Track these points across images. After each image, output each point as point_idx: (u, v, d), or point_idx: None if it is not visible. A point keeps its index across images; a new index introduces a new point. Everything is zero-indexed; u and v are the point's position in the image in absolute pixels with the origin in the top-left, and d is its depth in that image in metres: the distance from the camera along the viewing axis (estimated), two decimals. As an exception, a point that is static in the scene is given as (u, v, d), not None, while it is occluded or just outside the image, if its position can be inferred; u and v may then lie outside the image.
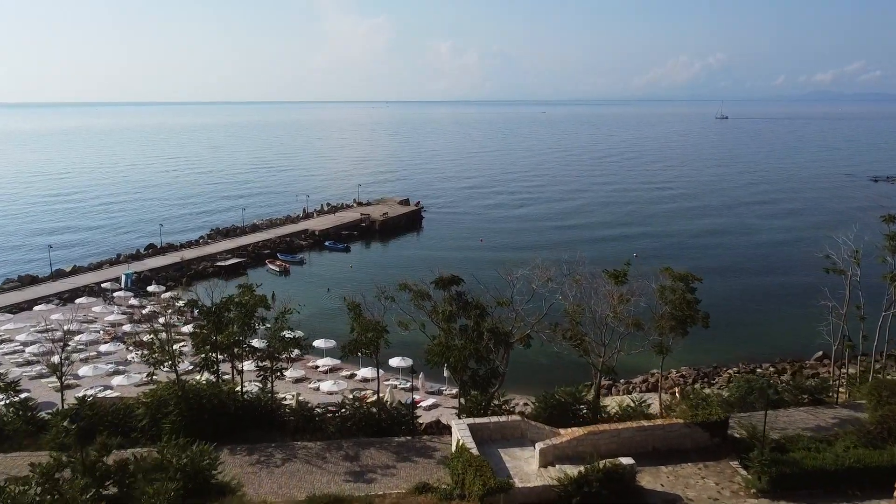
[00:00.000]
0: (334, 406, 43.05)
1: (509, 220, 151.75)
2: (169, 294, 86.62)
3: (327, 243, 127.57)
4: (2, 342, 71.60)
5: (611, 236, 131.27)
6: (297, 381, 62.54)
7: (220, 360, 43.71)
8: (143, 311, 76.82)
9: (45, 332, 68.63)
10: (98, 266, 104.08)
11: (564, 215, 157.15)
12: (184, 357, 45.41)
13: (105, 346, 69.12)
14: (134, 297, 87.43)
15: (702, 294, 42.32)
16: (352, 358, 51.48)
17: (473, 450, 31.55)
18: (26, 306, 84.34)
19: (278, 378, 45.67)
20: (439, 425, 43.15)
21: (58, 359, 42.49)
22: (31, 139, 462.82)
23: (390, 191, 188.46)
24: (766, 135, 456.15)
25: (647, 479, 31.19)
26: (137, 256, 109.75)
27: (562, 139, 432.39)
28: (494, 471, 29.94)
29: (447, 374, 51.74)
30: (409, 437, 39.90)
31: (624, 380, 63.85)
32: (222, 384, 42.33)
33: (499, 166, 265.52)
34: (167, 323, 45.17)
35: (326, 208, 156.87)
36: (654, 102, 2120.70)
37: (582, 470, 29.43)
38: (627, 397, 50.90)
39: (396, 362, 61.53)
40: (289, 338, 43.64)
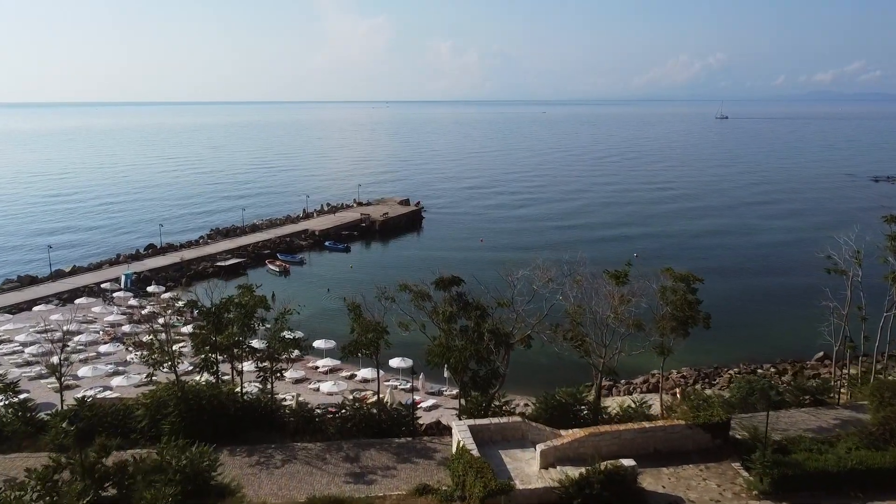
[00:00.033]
0: (334, 407, 42.91)
1: (510, 221, 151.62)
2: (169, 294, 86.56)
3: (327, 243, 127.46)
4: (1, 342, 71.51)
5: (611, 237, 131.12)
6: (297, 382, 62.42)
7: (219, 360, 43.56)
8: (142, 312, 76.72)
9: (44, 332, 68.41)
10: (98, 266, 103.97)
11: (565, 215, 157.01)
12: (183, 358, 45.26)
13: (104, 346, 69.02)
14: (133, 298, 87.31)
15: (702, 294, 42.18)
16: (352, 359, 51.35)
17: (474, 451, 31.43)
18: (26, 307, 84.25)
19: (278, 379, 45.53)
20: (440, 426, 43.02)
21: (57, 359, 42.35)
22: (30, 139, 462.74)
23: (390, 191, 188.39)
24: (766, 135, 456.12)
25: (648, 481, 31.07)
26: (137, 257, 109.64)
27: (562, 139, 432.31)
28: (495, 472, 29.82)
29: (447, 374, 51.68)
30: (409, 439, 39.75)
31: (624, 380, 63.73)
32: (222, 385, 42.18)
33: (499, 166, 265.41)
34: (167, 323, 45.05)
35: (326, 208, 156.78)
36: (654, 102, 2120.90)
37: (583, 471, 29.32)
38: (628, 398, 50.85)
39: (397, 363, 61.42)
40: (289, 338, 43.53)
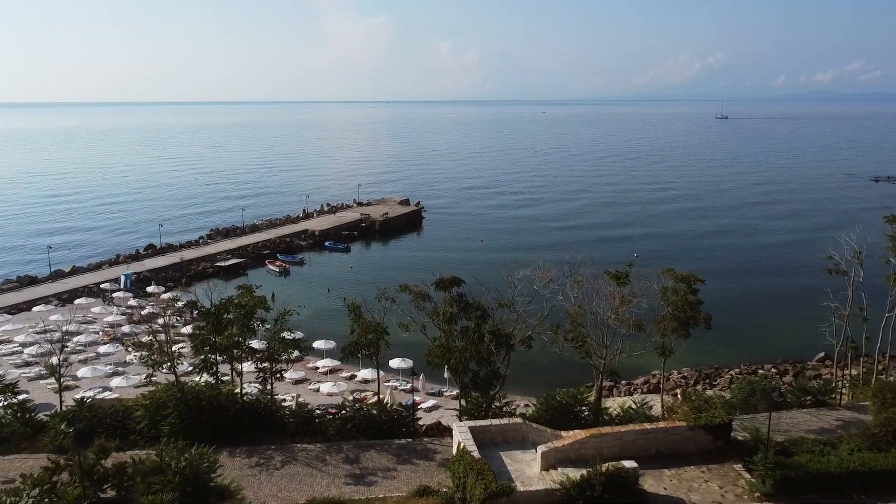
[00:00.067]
0: (334, 408, 42.76)
1: (510, 221, 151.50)
2: (168, 295, 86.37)
3: (327, 244, 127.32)
4: (0, 343, 71.36)
5: (612, 237, 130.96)
6: (296, 383, 62.29)
7: (219, 361, 43.43)
8: (142, 312, 76.55)
9: (43, 333, 68.30)
10: (97, 267, 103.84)
11: (565, 216, 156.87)
12: (183, 359, 45.13)
13: (104, 347, 68.88)
14: (133, 298, 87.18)
15: (703, 295, 41.99)
16: (352, 359, 51.21)
17: (475, 453, 31.26)
18: (25, 307, 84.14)
19: (278, 380, 45.40)
20: (440, 427, 42.87)
21: (56, 360, 42.18)
22: (30, 139, 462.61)
23: (390, 191, 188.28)
24: (766, 135, 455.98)
25: (650, 483, 30.91)
26: (137, 257, 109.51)
27: (562, 139, 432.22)
28: (496, 474, 29.64)
29: (447, 375, 51.56)
30: (409, 440, 39.60)
31: (625, 381, 63.58)
32: (221, 386, 42.03)
33: (499, 166, 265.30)
34: (166, 324, 44.88)
35: (326, 208, 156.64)
36: (654, 102, 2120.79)
37: (584, 473, 29.15)
38: (629, 399, 50.75)
39: (397, 363, 61.30)
40: (288, 339, 43.39)
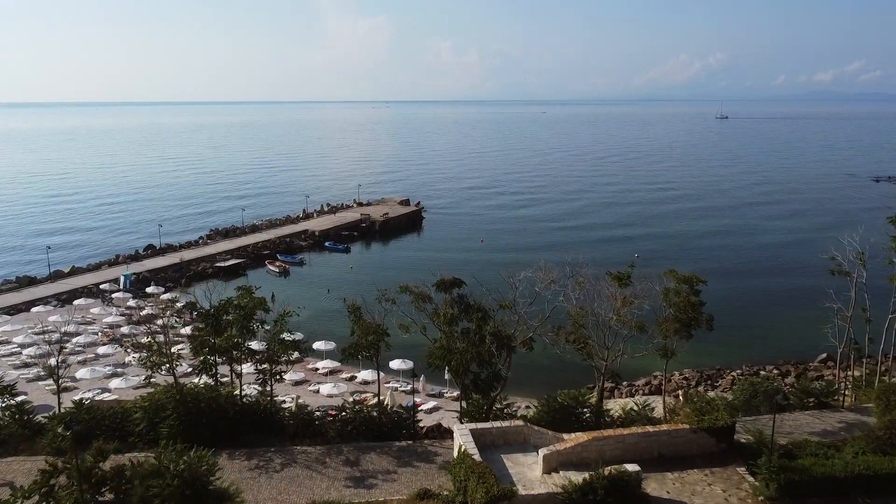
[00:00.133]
0: (334, 410, 42.49)
1: (510, 221, 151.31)
2: (168, 295, 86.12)
3: (327, 244, 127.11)
4: (-1, 344, 71.16)
5: (613, 237, 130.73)
6: (296, 384, 62.09)
7: (218, 363, 43.17)
8: (141, 313, 76.32)
9: (42, 333, 68.08)
10: (97, 267, 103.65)
11: (566, 216, 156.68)
12: (182, 360, 44.88)
13: (103, 348, 68.64)
14: (133, 299, 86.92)
15: (704, 296, 41.72)
16: (352, 360, 50.96)
17: (476, 456, 30.97)
18: (24, 308, 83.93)
19: (278, 381, 45.13)
20: (440, 429, 42.62)
21: (55, 361, 41.92)
22: (30, 139, 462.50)
23: (390, 191, 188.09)
24: (766, 135, 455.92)
25: (652, 486, 30.63)
26: (136, 257, 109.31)
27: (562, 139, 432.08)
28: (497, 477, 29.35)
29: (448, 376, 51.28)
30: (410, 442, 39.28)
31: (627, 382, 63.38)
32: (221, 388, 41.76)
33: (499, 166, 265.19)
34: (165, 325, 44.62)
35: (326, 209, 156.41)
36: (654, 102, 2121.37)
37: (587, 477, 28.86)
38: (631, 400, 50.48)
39: (397, 364, 61.05)
40: (288, 340, 43.11)
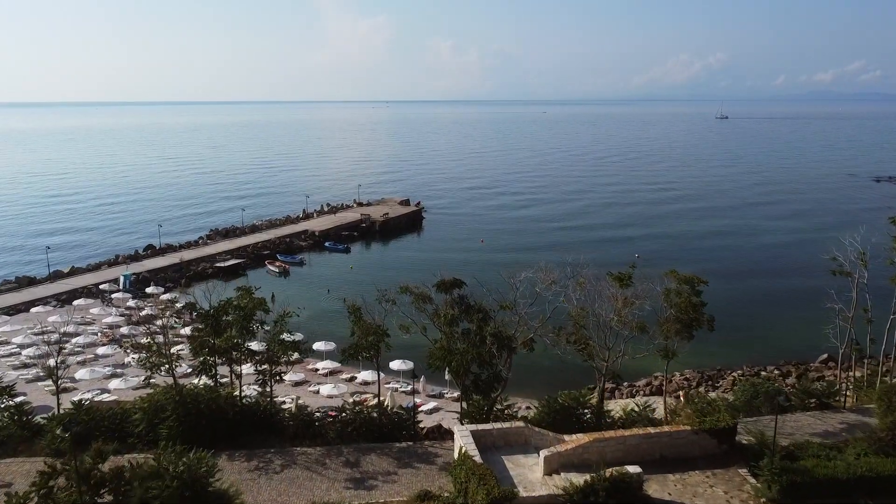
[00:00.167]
0: (334, 410, 42.34)
1: (510, 221, 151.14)
2: (167, 296, 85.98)
3: (327, 244, 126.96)
4: (-1, 344, 71.00)
5: (613, 238, 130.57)
6: (296, 385, 61.93)
7: (218, 363, 43.02)
8: (141, 313, 76.17)
9: (41, 334, 67.99)
10: (96, 267, 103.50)
11: (566, 216, 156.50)
12: (181, 361, 44.75)
13: (103, 348, 68.50)
14: (132, 299, 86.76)
15: (705, 296, 41.55)
16: (352, 361, 50.78)
17: (476, 457, 30.82)
18: (24, 308, 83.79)
19: (277, 382, 44.97)
20: (441, 430, 42.52)
21: (54, 362, 41.77)
22: (30, 139, 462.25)
23: (391, 191, 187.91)
24: (767, 135, 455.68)
25: (654, 488, 30.46)
26: (136, 257, 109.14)
27: (562, 139, 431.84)
28: (498, 479, 29.20)
29: (448, 377, 51.12)
30: (410, 443, 39.14)
31: (627, 383, 63.24)
32: (220, 388, 41.62)
33: (500, 167, 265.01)
34: (165, 325, 44.48)
35: (326, 209, 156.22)
36: (654, 102, 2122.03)
37: (588, 479, 28.70)
38: (631, 401, 50.26)
39: (397, 365, 60.90)
40: (288, 341, 42.96)
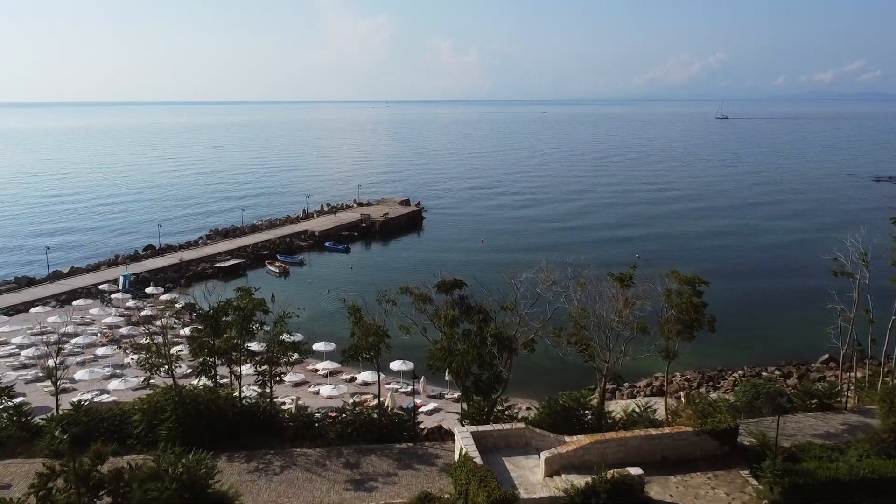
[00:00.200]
0: (334, 411, 42.21)
1: (511, 222, 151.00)
2: (167, 296, 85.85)
3: (327, 244, 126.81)
4: (-2, 345, 70.86)
5: (613, 238, 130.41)
6: (296, 385, 61.79)
7: (217, 364, 42.89)
8: (140, 314, 76.03)
9: (41, 334, 67.86)
10: (96, 267, 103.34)
11: (566, 216, 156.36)
12: (181, 361, 44.63)
13: (102, 349, 68.35)
14: (132, 299, 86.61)
15: (705, 296, 41.43)
16: (352, 361, 50.61)
17: (477, 459, 30.68)
18: (23, 308, 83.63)
19: (277, 383, 44.83)
20: (441, 431, 42.40)
21: (53, 362, 41.63)
22: (30, 139, 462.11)
23: (391, 191, 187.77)
24: (767, 135, 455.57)
25: (655, 490, 30.32)
26: (136, 257, 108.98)
27: (563, 139, 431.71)
28: (499, 481, 29.07)
29: (449, 377, 50.98)
30: (410, 444, 39.02)
31: (628, 384, 63.10)
32: (220, 389, 41.50)
33: (500, 167, 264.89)
34: (164, 326, 44.37)
35: (326, 209, 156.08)
36: (655, 102, 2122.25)
37: (589, 480, 28.56)
38: (632, 402, 50.11)
39: (397, 365, 60.74)
40: (288, 342, 42.83)
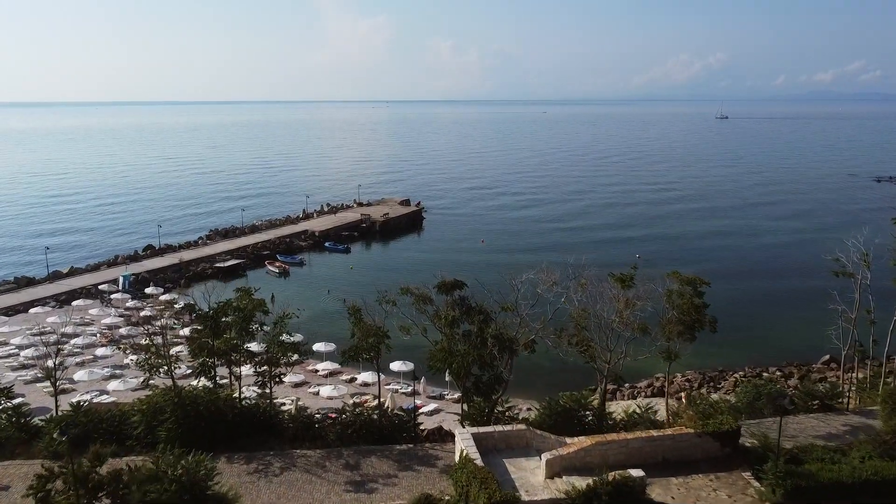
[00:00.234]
0: (334, 412, 42.07)
1: (511, 222, 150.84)
2: (167, 296, 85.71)
3: (327, 244, 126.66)
4: (-3, 345, 70.68)
5: (614, 238, 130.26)
6: (296, 386, 61.65)
7: (217, 365, 42.75)
8: (140, 314, 75.87)
9: (40, 335, 67.60)
10: (95, 268, 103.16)
11: (567, 217, 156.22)
12: (181, 362, 44.50)
13: (101, 349, 68.18)
14: (132, 300, 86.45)
15: (706, 297, 41.30)
16: (352, 362, 50.40)
17: (477, 460, 30.54)
18: (22, 309, 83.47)
19: (277, 383, 44.70)
20: (441, 432, 42.29)
21: (52, 363, 41.48)
22: (30, 139, 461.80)
23: (391, 191, 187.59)
24: (767, 135, 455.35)
25: (657, 492, 30.19)
26: (135, 258, 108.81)
27: (563, 139, 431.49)
28: (500, 483, 28.94)
29: (449, 378, 50.85)
30: (410, 445, 38.91)
31: (629, 384, 63.00)
32: (220, 390, 41.35)
33: (500, 167, 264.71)
34: (164, 326, 44.24)
35: (326, 209, 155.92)
36: (655, 102, 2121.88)
37: (590, 482, 28.43)
38: (633, 403, 50.00)
39: (398, 366, 60.61)
40: (288, 342, 42.70)
